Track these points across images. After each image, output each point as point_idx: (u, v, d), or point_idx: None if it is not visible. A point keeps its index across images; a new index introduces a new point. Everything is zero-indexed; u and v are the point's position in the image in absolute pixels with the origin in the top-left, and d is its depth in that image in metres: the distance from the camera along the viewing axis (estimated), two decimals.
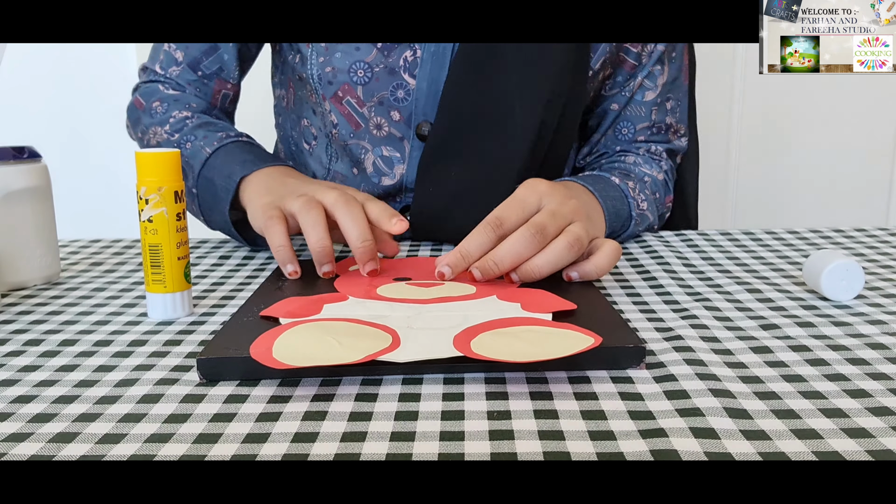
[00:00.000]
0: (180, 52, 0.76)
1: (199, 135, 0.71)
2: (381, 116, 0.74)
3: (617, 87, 0.79)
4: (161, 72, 0.78)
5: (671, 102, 0.80)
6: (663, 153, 0.81)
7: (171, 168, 0.50)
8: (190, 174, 0.69)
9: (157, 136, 0.74)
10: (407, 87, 0.72)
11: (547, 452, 0.32)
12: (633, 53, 0.76)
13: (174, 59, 0.77)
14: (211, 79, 0.77)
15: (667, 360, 0.42)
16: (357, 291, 0.53)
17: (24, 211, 0.58)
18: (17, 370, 0.43)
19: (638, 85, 0.78)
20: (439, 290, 0.53)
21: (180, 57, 0.77)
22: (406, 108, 0.73)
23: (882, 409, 0.35)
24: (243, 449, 0.33)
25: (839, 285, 0.52)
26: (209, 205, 0.68)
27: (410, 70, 0.72)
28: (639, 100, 0.79)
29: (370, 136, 0.76)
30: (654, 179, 0.78)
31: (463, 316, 0.46)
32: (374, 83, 0.73)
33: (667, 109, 0.80)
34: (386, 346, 0.41)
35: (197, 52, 0.76)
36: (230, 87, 0.78)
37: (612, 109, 0.80)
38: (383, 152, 0.75)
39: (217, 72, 0.77)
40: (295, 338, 0.43)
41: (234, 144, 0.69)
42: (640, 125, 0.80)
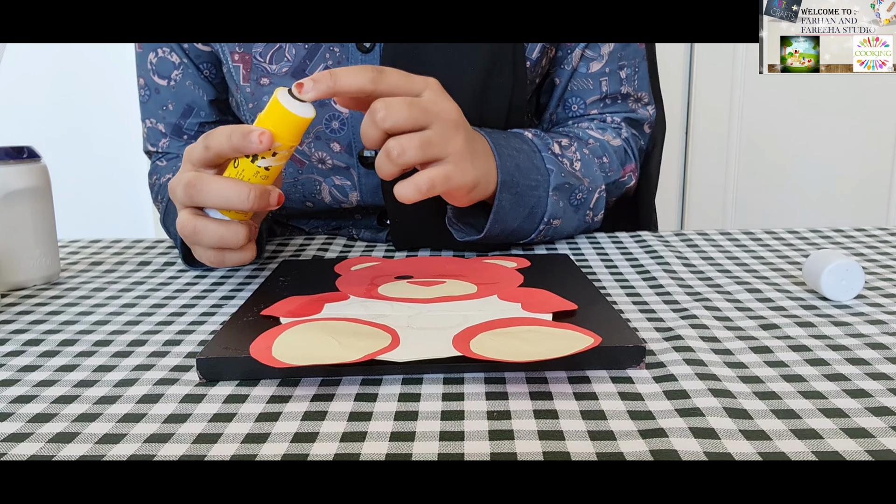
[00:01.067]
0: (161, 124, 0.77)
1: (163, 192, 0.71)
2: (321, 151, 0.71)
3: (558, 63, 0.75)
4: (153, 149, 0.78)
5: (625, 70, 0.75)
6: (621, 122, 0.76)
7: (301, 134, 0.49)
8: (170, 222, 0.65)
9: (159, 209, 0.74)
10: (340, 116, 0.70)
11: (547, 452, 0.32)
12: None
13: (159, 133, 0.78)
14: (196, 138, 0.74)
15: (667, 360, 0.42)
16: (358, 291, 0.53)
17: (24, 211, 0.58)
18: (17, 370, 0.43)
19: (578, 57, 0.74)
20: (440, 289, 0.53)
21: (162, 128, 0.77)
22: (344, 137, 0.70)
23: (882, 409, 0.36)
24: (243, 449, 0.33)
25: (839, 285, 0.52)
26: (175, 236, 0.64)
27: None
28: (583, 72, 0.74)
29: (316, 169, 0.73)
30: (604, 143, 0.73)
31: (463, 316, 0.46)
32: None
33: (620, 78, 0.75)
34: (385, 346, 0.41)
35: (174, 119, 0.76)
36: None
37: (556, 84, 0.76)
38: (335, 181, 0.73)
39: (200, 128, 0.77)
40: (295, 337, 0.43)
41: None
42: (589, 99, 0.75)
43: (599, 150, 0.72)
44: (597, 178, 0.70)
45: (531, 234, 0.66)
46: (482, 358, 0.39)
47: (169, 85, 0.75)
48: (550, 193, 0.65)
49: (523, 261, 0.60)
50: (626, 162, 0.75)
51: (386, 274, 0.57)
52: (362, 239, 0.77)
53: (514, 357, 0.38)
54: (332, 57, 0.69)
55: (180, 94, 0.75)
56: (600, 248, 0.69)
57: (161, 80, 0.75)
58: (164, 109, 0.76)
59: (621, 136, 0.75)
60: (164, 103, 0.76)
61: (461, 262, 0.61)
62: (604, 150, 0.72)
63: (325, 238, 0.76)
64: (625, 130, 0.76)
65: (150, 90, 0.76)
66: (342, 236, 0.78)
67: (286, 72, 0.69)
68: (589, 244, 0.71)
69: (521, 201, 0.63)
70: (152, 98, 0.76)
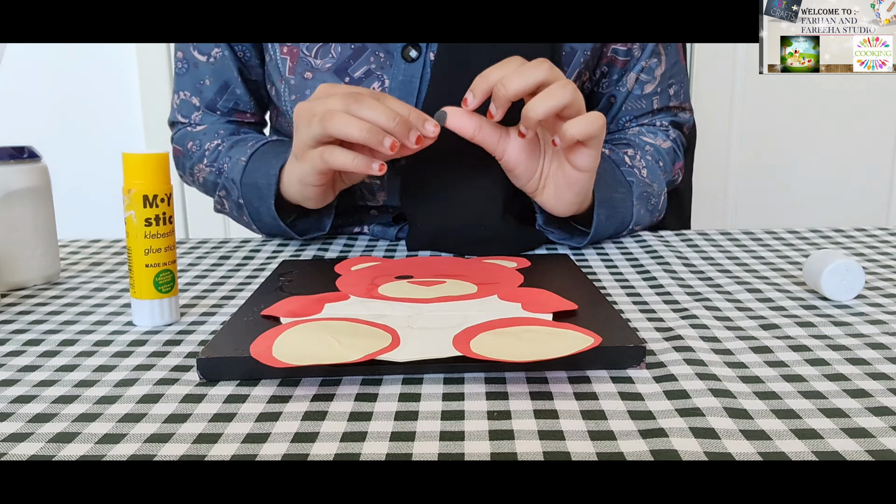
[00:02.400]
0: (195, 97, 0.79)
1: (232, 154, 0.73)
2: None
3: (612, 85, 0.78)
4: (184, 120, 0.80)
5: (674, 87, 0.80)
6: (668, 125, 0.81)
7: (143, 170, 0.48)
8: (234, 189, 0.71)
9: (202, 172, 0.77)
10: None
11: (547, 452, 0.32)
12: (621, 51, 0.76)
13: (192, 105, 0.79)
14: (231, 115, 0.80)
15: (667, 360, 0.42)
16: (358, 291, 0.53)
17: (24, 211, 0.58)
18: (17, 370, 0.43)
19: (634, 80, 0.78)
20: (441, 288, 0.53)
21: (196, 102, 0.79)
22: None
23: (882, 409, 0.36)
24: (243, 449, 0.33)
25: (839, 285, 0.52)
26: (256, 208, 0.70)
27: None
28: (637, 94, 0.78)
29: None
30: (657, 148, 0.77)
31: (463, 316, 0.46)
32: None
33: (669, 95, 0.80)
34: (386, 346, 0.41)
35: (210, 94, 0.78)
36: (249, 115, 0.81)
37: (610, 104, 0.79)
38: (366, 180, 0.74)
39: (234, 107, 0.79)
40: (295, 337, 0.43)
41: (265, 146, 0.71)
42: (640, 115, 0.80)
43: (656, 154, 0.76)
44: (661, 181, 0.75)
45: (619, 236, 0.73)
46: (483, 358, 0.39)
47: (208, 61, 0.77)
48: (635, 203, 0.70)
49: (523, 261, 0.60)
50: (676, 160, 0.80)
51: (386, 274, 0.57)
52: (370, 233, 0.78)
53: (514, 357, 0.38)
54: (377, 61, 0.71)
55: (219, 72, 0.77)
56: (600, 248, 0.69)
57: (201, 56, 0.77)
58: (200, 84, 0.78)
59: (670, 138, 0.79)
60: (202, 78, 0.78)
61: (461, 263, 0.61)
62: (658, 154, 0.77)
63: (325, 238, 0.76)
64: (672, 132, 0.80)
65: (188, 64, 0.78)
66: (343, 234, 0.78)
67: (329, 68, 0.71)
68: (589, 244, 0.71)
69: (614, 213, 0.69)
70: (190, 72, 0.78)
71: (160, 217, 0.49)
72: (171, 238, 0.50)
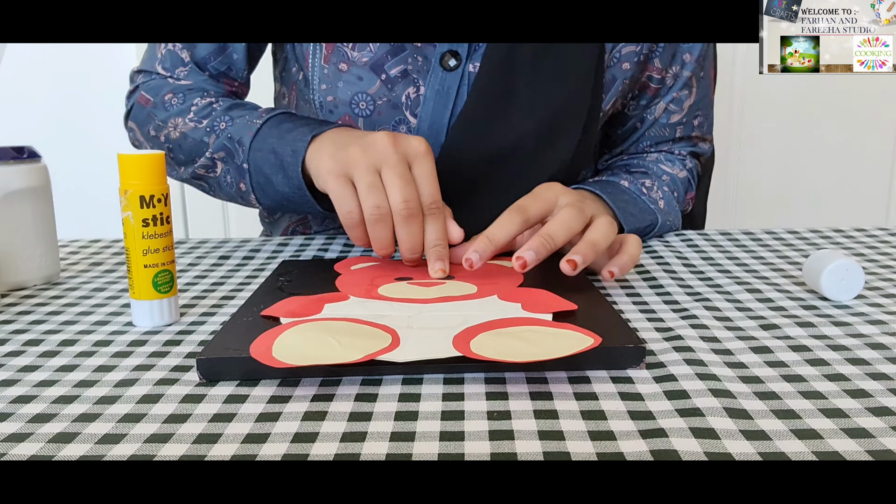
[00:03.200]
0: (186, 51, 0.74)
1: (234, 115, 0.68)
2: None
3: (640, 109, 0.78)
4: (165, 73, 0.75)
5: (699, 119, 0.80)
6: (687, 154, 0.81)
7: (139, 171, 0.48)
8: (238, 151, 0.66)
9: (180, 126, 0.70)
10: (409, 123, 0.71)
11: (547, 452, 0.32)
12: (655, 79, 0.76)
13: (180, 59, 0.74)
14: (219, 78, 0.75)
15: (667, 360, 0.42)
16: (358, 291, 0.53)
17: (24, 211, 0.58)
18: (17, 370, 0.43)
19: (662, 110, 0.78)
20: (440, 289, 0.53)
21: (186, 57, 0.74)
22: None
23: (882, 409, 0.35)
24: (243, 449, 0.33)
25: (839, 285, 0.52)
26: (266, 176, 0.65)
27: (412, 108, 0.71)
28: (663, 122, 0.78)
29: None
30: (674, 178, 0.77)
31: (463, 316, 0.46)
32: (375, 116, 0.71)
33: (693, 126, 0.80)
34: (385, 346, 0.41)
35: (204, 52, 0.74)
36: (237, 85, 0.77)
37: (635, 128, 0.79)
38: None
39: (226, 71, 0.75)
40: (295, 337, 0.43)
41: (282, 115, 0.66)
42: (662, 141, 0.80)
43: (671, 184, 0.77)
44: (676, 212, 0.76)
45: None
46: (482, 358, 0.39)
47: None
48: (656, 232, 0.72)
49: None
50: (689, 190, 0.80)
51: (386, 274, 0.57)
52: None
53: (513, 357, 0.38)
54: (414, 64, 0.70)
55: None
56: None
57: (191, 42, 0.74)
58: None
59: (686, 168, 0.80)
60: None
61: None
62: (674, 184, 0.77)
63: (326, 238, 0.76)
64: (689, 161, 0.81)
65: None
66: (343, 234, 0.78)
67: (366, 62, 0.70)
68: None
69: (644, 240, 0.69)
70: None
71: (157, 217, 0.49)
72: (169, 238, 0.50)
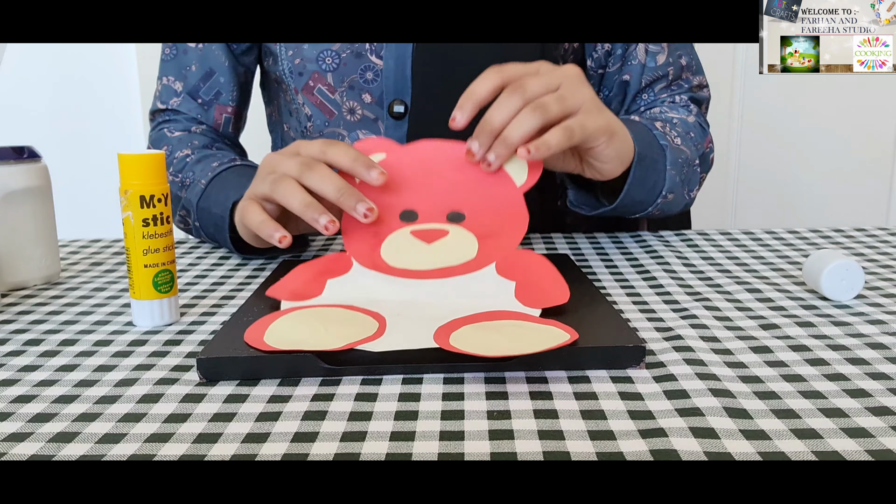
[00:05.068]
0: (178, 82, 0.79)
1: (196, 170, 0.71)
2: (353, 100, 0.76)
3: (619, 60, 0.78)
4: (162, 106, 0.79)
5: (684, 58, 0.79)
6: (688, 101, 0.80)
7: (139, 171, 0.49)
8: (191, 210, 0.69)
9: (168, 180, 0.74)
10: (375, 67, 0.74)
11: (547, 452, 0.32)
12: None
13: (173, 91, 0.79)
14: (211, 105, 0.79)
15: (667, 360, 0.42)
16: (362, 248, 0.53)
17: (24, 211, 0.58)
18: (17, 370, 0.43)
19: (644, 51, 0.77)
20: (442, 247, 0.53)
21: (179, 87, 0.79)
22: (376, 88, 0.75)
23: (882, 409, 0.35)
24: (243, 449, 0.33)
25: (839, 285, 0.52)
26: (212, 234, 0.69)
27: (377, 51, 0.74)
28: (652, 66, 0.78)
29: (344, 121, 0.77)
30: (684, 121, 0.75)
31: (453, 307, 0.47)
32: (342, 68, 0.74)
33: (682, 65, 0.79)
34: (369, 335, 0.42)
35: (194, 80, 0.78)
36: (230, 110, 0.80)
37: (625, 80, 0.79)
38: (359, 136, 0.76)
39: (216, 97, 0.79)
40: (288, 324, 0.45)
41: (227, 171, 0.69)
42: (659, 86, 0.79)
43: (684, 126, 0.75)
44: (693, 150, 0.72)
45: (649, 206, 0.68)
46: (455, 350, 0.39)
47: (197, 47, 0.78)
48: (668, 167, 0.67)
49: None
50: (705, 134, 0.78)
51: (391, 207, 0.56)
52: None
53: (486, 352, 0.39)
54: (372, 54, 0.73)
55: (206, 58, 0.78)
56: (600, 248, 0.69)
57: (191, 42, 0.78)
58: (186, 70, 0.79)
59: (692, 113, 0.79)
60: (188, 64, 0.78)
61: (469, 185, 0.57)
62: (686, 126, 0.75)
63: (325, 240, 0.76)
64: (692, 107, 0.80)
65: (176, 50, 0.79)
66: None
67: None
68: (589, 244, 0.71)
69: (648, 174, 0.65)
70: (177, 58, 0.79)
71: (157, 217, 0.49)
72: (170, 238, 0.50)
